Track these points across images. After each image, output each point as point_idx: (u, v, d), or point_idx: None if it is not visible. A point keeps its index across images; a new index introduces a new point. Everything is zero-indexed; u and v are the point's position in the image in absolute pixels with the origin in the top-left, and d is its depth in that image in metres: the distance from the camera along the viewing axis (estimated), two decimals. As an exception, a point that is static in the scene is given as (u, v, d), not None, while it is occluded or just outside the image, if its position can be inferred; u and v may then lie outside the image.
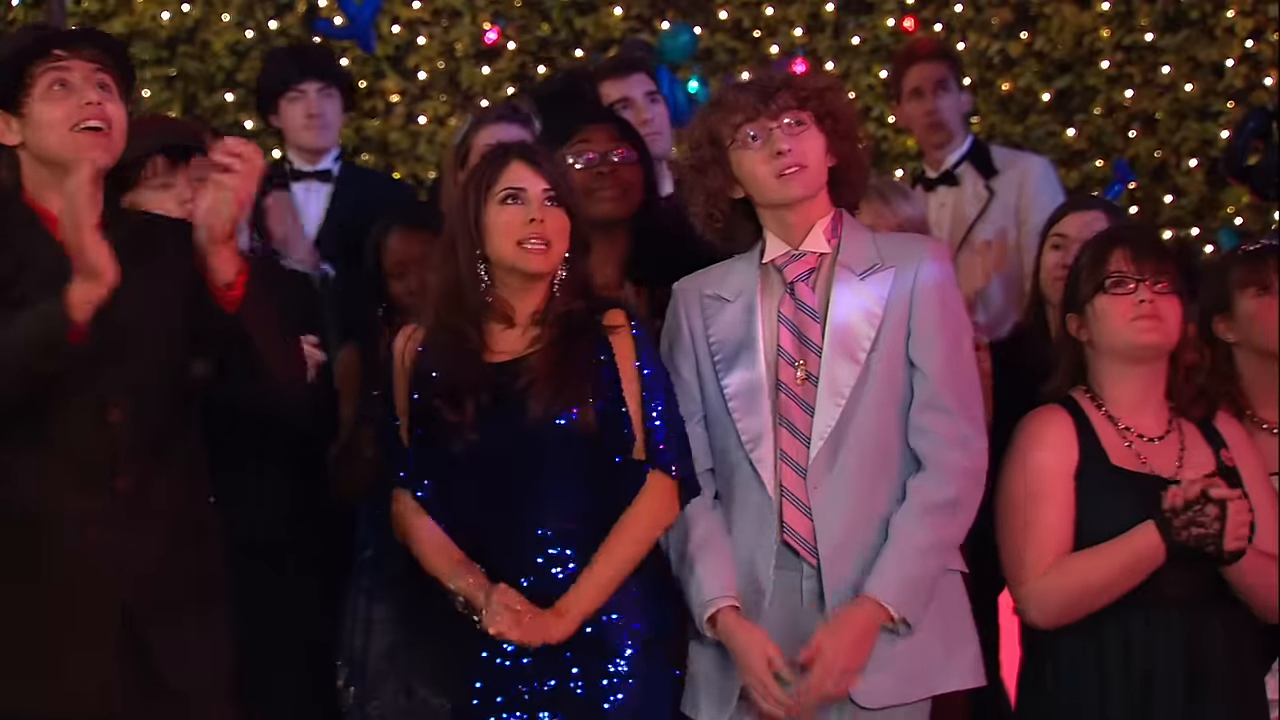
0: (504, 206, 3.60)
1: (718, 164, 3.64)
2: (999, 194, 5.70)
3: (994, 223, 5.65)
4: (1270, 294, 4.05)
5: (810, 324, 3.60)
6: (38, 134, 3.42)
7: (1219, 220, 7.46)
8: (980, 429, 3.61)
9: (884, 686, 3.54)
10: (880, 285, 3.59)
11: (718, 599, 3.55)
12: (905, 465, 3.58)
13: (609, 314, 3.66)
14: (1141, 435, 3.80)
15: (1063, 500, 3.74)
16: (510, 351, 3.63)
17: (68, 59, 3.43)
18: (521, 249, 3.58)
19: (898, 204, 4.36)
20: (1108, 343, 3.80)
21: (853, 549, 3.54)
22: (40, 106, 3.42)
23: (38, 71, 3.42)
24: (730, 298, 3.67)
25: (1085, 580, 3.70)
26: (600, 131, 4.18)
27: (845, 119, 3.64)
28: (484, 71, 7.76)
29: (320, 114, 5.74)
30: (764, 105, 3.58)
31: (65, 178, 3.35)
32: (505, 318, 3.64)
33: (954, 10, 7.67)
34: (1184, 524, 3.63)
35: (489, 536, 3.62)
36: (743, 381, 3.61)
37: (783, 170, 3.57)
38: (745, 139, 3.60)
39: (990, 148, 5.93)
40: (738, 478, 3.61)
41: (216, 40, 7.77)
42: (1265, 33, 7.47)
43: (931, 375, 3.56)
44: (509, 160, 3.64)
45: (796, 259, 3.63)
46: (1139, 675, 3.70)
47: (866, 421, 3.55)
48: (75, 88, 3.42)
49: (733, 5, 7.75)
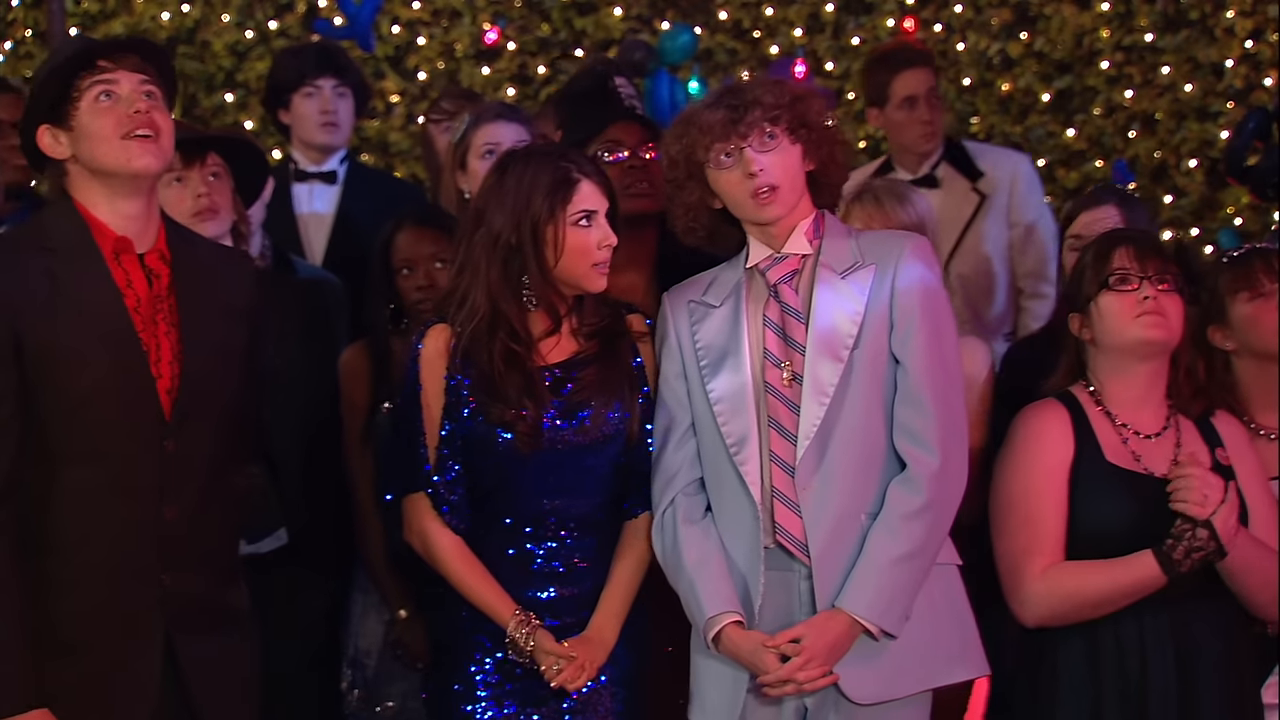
0: (579, 229, 3.64)
1: (694, 180, 3.68)
2: (991, 197, 5.69)
3: (988, 224, 5.65)
4: (1264, 297, 4.06)
5: (795, 325, 3.63)
6: (87, 145, 3.42)
7: (1219, 221, 7.45)
8: (957, 422, 3.63)
9: (874, 681, 3.58)
10: (861, 283, 3.62)
11: (721, 615, 3.60)
12: (892, 461, 3.61)
13: (631, 319, 3.78)
14: (1138, 432, 3.82)
15: (1057, 497, 3.77)
16: (558, 354, 3.70)
17: (113, 70, 3.43)
18: (594, 270, 3.65)
19: (892, 208, 4.36)
20: (1112, 340, 3.81)
21: (843, 546, 3.57)
22: (88, 118, 3.41)
23: (84, 84, 3.42)
24: (716, 303, 3.71)
25: (1082, 593, 3.72)
26: (629, 129, 4.22)
27: (819, 125, 3.67)
28: (484, 72, 7.75)
29: (334, 111, 5.72)
30: (734, 125, 3.61)
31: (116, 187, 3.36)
32: (553, 322, 3.69)
33: (954, 10, 7.65)
34: (1183, 554, 3.67)
35: (520, 524, 3.70)
36: (728, 386, 3.64)
37: (757, 191, 3.61)
38: (719, 159, 3.64)
39: (965, 145, 5.92)
40: (725, 483, 3.65)
41: (216, 40, 7.76)
42: (1265, 33, 7.47)
43: (911, 369, 3.60)
44: (580, 180, 3.66)
45: (779, 262, 3.68)
46: (1134, 676, 3.71)
47: (852, 418, 3.58)
48: (122, 98, 3.42)
49: (733, 5, 7.74)
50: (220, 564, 3.51)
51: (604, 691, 3.73)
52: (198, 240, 3.64)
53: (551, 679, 3.65)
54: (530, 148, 3.84)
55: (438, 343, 3.70)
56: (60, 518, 3.36)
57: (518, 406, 3.64)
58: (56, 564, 3.36)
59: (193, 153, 4.15)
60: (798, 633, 3.55)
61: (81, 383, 3.35)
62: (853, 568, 3.56)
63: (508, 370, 3.64)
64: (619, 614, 3.73)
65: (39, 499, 3.36)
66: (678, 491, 3.69)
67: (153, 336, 3.41)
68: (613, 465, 3.73)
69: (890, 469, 3.61)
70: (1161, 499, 3.72)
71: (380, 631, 4.49)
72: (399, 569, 4.29)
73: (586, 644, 3.69)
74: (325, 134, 5.74)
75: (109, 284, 3.39)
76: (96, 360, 3.36)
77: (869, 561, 3.55)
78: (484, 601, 3.69)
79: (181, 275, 3.46)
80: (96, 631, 3.37)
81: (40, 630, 3.34)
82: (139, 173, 3.41)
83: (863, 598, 3.54)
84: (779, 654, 3.56)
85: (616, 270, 3.78)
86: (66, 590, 3.36)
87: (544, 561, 3.71)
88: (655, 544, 3.71)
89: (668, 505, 3.69)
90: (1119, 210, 4.53)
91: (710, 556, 3.63)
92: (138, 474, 3.38)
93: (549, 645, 3.66)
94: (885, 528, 3.56)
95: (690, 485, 3.69)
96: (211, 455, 3.46)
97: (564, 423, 3.67)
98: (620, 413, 3.71)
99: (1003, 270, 5.69)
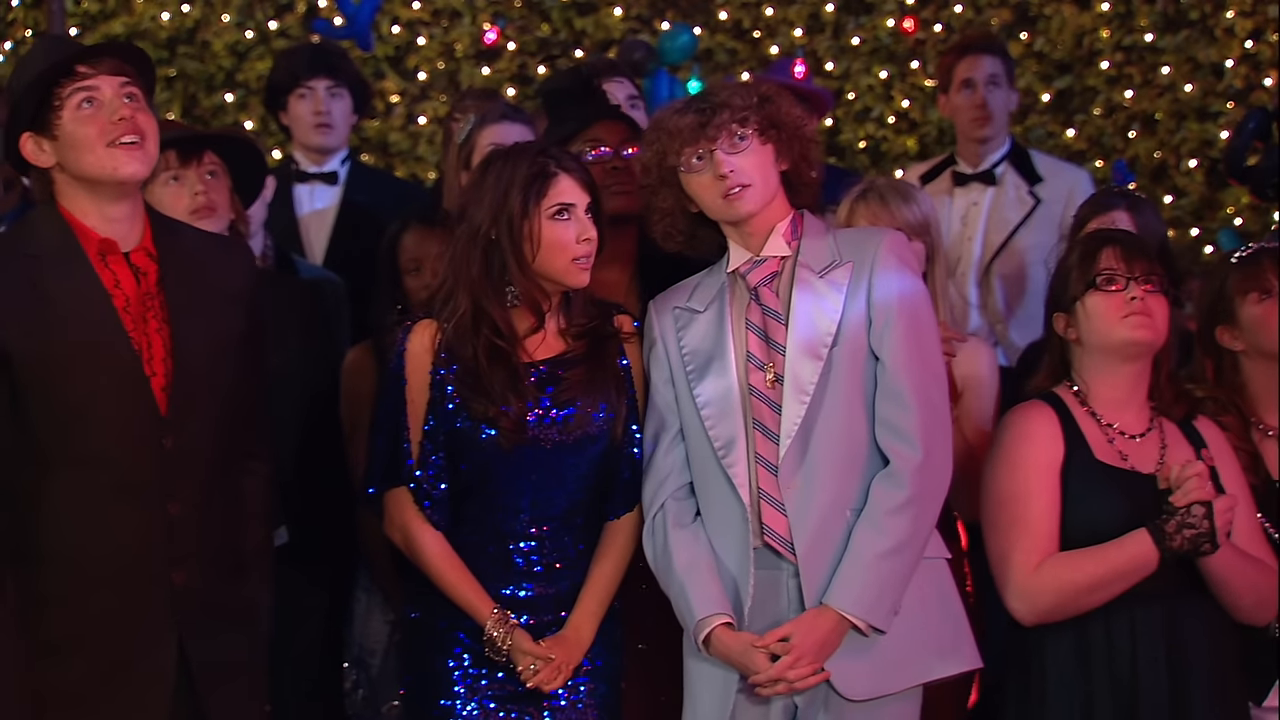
0: (556, 221, 3.65)
1: (668, 185, 3.71)
2: (1046, 203, 5.69)
3: (1037, 231, 5.64)
4: (1272, 297, 4.05)
5: (776, 327, 3.65)
6: (73, 154, 3.41)
7: (1219, 221, 7.45)
8: (939, 416, 3.64)
9: (865, 676, 3.58)
10: (839, 281, 3.64)
11: (710, 617, 3.60)
12: (875, 457, 3.62)
13: (619, 319, 3.79)
14: (1124, 432, 3.83)
15: (1049, 495, 3.77)
16: (544, 351, 3.71)
17: (93, 74, 3.42)
18: (574, 265, 3.65)
19: (896, 207, 4.36)
20: (1098, 340, 3.82)
21: (828, 543, 3.58)
22: (72, 127, 3.41)
23: (65, 92, 3.41)
24: (700, 309, 3.73)
25: (1076, 581, 3.72)
26: (612, 128, 4.23)
27: (791, 124, 3.68)
28: (484, 72, 7.75)
29: (327, 112, 5.70)
30: (703, 129, 3.63)
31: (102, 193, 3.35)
32: (536, 319, 3.69)
33: (954, 10, 7.65)
34: (1175, 528, 3.66)
35: (500, 521, 3.71)
36: (714, 390, 3.66)
37: (727, 192, 3.62)
38: (690, 162, 3.65)
39: (1031, 153, 5.93)
40: (713, 486, 3.66)
41: (216, 40, 7.76)
42: (1265, 33, 7.46)
43: (890, 364, 3.61)
44: (557, 174, 3.67)
45: (758, 265, 3.69)
46: (1125, 673, 3.71)
47: (833, 416, 3.60)
48: (105, 103, 3.41)
49: (733, 5, 7.74)
50: (230, 558, 3.51)
51: (581, 689, 3.73)
52: (185, 231, 3.63)
53: (528, 679, 3.66)
54: (514, 145, 3.85)
55: (423, 338, 3.72)
56: (62, 522, 3.36)
57: (501, 402, 3.64)
58: (61, 568, 3.36)
59: (190, 152, 4.15)
60: (786, 631, 3.56)
61: (74, 387, 3.35)
62: (839, 564, 3.56)
63: (492, 366, 3.65)
64: (596, 614, 3.74)
65: (37, 505, 3.35)
66: (668, 496, 3.70)
67: (144, 335, 3.41)
68: (595, 465, 3.74)
69: (873, 465, 3.61)
70: (1151, 497, 3.72)
71: (384, 631, 4.50)
72: (403, 568, 4.28)
73: (563, 644, 3.70)
74: (319, 135, 5.73)
75: (96, 286, 3.38)
76: (88, 363, 3.36)
77: (854, 557, 3.55)
78: (462, 599, 3.70)
79: (170, 269, 3.46)
80: (106, 633, 3.37)
81: (48, 634, 3.34)
82: (126, 180, 3.42)
83: (849, 594, 3.54)
84: (769, 653, 3.56)
85: (598, 267, 3.79)
86: (73, 593, 3.36)
87: (523, 559, 3.72)
88: (646, 548, 3.72)
89: (658, 510, 3.71)
90: (1129, 215, 4.53)
91: (700, 560, 3.64)
92: (137, 473, 3.38)
93: (526, 645, 3.67)
94: (869, 523, 3.56)
95: (680, 489, 3.71)
96: (214, 449, 3.46)
97: (548, 420, 3.68)
98: (606, 413, 3.72)
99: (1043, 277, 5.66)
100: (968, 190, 5.79)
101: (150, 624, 3.39)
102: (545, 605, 3.73)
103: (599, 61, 5.90)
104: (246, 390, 3.55)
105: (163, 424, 3.39)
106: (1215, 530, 3.66)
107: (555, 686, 3.68)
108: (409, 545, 3.75)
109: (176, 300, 3.43)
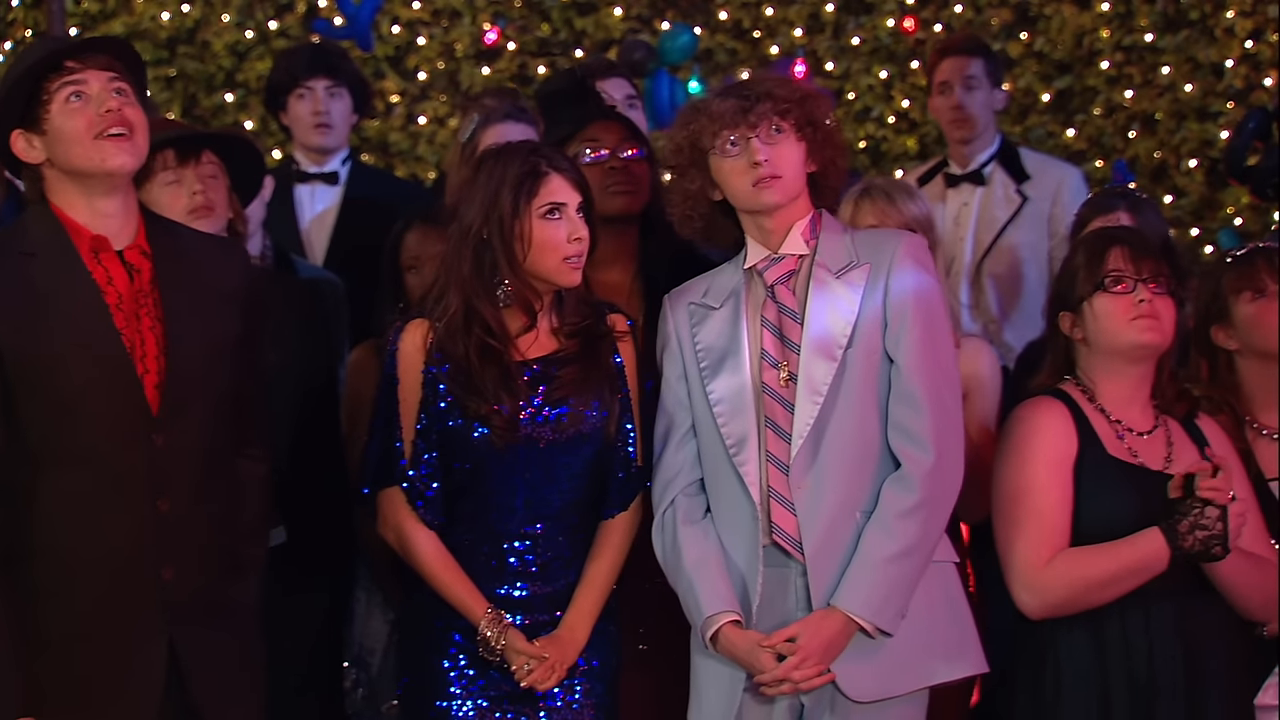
0: (547, 221, 3.65)
1: (697, 168, 3.70)
2: (1033, 200, 5.70)
3: (1025, 229, 5.65)
4: (1267, 296, 4.05)
5: (791, 325, 3.65)
6: (61, 148, 3.41)
7: (1219, 221, 7.45)
8: (952, 420, 3.64)
9: (871, 678, 3.58)
10: (856, 282, 3.64)
11: (718, 614, 3.60)
12: (887, 459, 3.62)
13: (612, 318, 3.78)
14: (1132, 429, 3.82)
15: (1061, 489, 3.76)
16: (537, 350, 3.71)
17: (81, 69, 3.42)
18: (565, 264, 3.65)
19: (903, 203, 4.37)
20: (1106, 341, 3.81)
21: (837, 544, 3.58)
22: (60, 120, 3.41)
23: (53, 87, 3.42)
24: (716, 305, 3.72)
25: (1088, 576, 3.71)
26: (608, 128, 4.22)
27: (825, 127, 3.69)
28: (484, 72, 7.75)
29: (325, 112, 5.69)
30: (744, 114, 3.63)
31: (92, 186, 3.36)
32: (529, 318, 3.69)
33: (954, 10, 7.65)
34: (1188, 529, 3.65)
35: (494, 520, 3.71)
36: (727, 387, 3.66)
37: (758, 179, 3.62)
38: (725, 146, 3.65)
39: (1019, 150, 5.94)
40: (724, 483, 3.66)
41: (216, 40, 7.76)
42: (1265, 33, 7.46)
43: (904, 367, 3.61)
44: (548, 173, 3.67)
45: (776, 262, 3.69)
46: (1141, 671, 3.71)
47: (846, 417, 3.59)
48: (92, 97, 3.41)
49: (733, 5, 7.74)
50: (223, 557, 3.51)
51: (577, 689, 3.73)
52: (181, 230, 3.63)
53: (522, 679, 3.67)
54: (505, 145, 3.85)
55: (415, 337, 3.72)
56: (54, 519, 3.36)
57: (494, 401, 3.65)
58: (53, 565, 3.36)
59: (188, 151, 4.14)
60: (793, 631, 3.56)
61: (66, 384, 3.35)
62: (848, 566, 3.57)
63: (484, 364, 3.65)
64: (591, 614, 3.74)
65: (30, 502, 3.35)
66: (678, 492, 3.70)
67: (136, 332, 3.41)
68: (588, 464, 3.74)
69: (885, 467, 3.61)
70: (1163, 493, 3.71)
71: (384, 631, 4.50)
72: (400, 568, 4.28)
73: (558, 643, 3.70)
74: (318, 135, 5.72)
75: (88, 283, 3.38)
76: (79, 361, 3.36)
77: (863, 559, 3.55)
78: (457, 598, 3.70)
79: (164, 268, 3.46)
80: (98, 630, 3.37)
81: (40, 632, 3.34)
82: (114, 171, 3.41)
83: (857, 596, 3.54)
84: (775, 653, 3.56)
85: (600, 268, 3.79)
86: (66, 591, 3.36)
87: (517, 559, 3.72)
88: (655, 544, 3.72)
89: (668, 506, 3.70)
90: (1130, 216, 4.52)
91: (709, 557, 3.64)
92: (128, 471, 3.38)
93: (520, 645, 3.68)
94: (879, 525, 3.56)
95: (690, 486, 3.71)
96: (206, 448, 3.46)
97: (541, 419, 3.68)
98: (599, 412, 3.73)
99: (1035, 275, 5.68)
100: (959, 191, 5.80)
101: (141, 621, 3.39)
102: (540, 604, 3.73)
103: (594, 62, 5.91)
104: (242, 390, 3.55)
105: (153, 422, 3.39)
106: (1228, 534, 3.66)
107: (549, 686, 3.68)
108: (402, 545, 3.75)
109: (170, 299, 3.43)
